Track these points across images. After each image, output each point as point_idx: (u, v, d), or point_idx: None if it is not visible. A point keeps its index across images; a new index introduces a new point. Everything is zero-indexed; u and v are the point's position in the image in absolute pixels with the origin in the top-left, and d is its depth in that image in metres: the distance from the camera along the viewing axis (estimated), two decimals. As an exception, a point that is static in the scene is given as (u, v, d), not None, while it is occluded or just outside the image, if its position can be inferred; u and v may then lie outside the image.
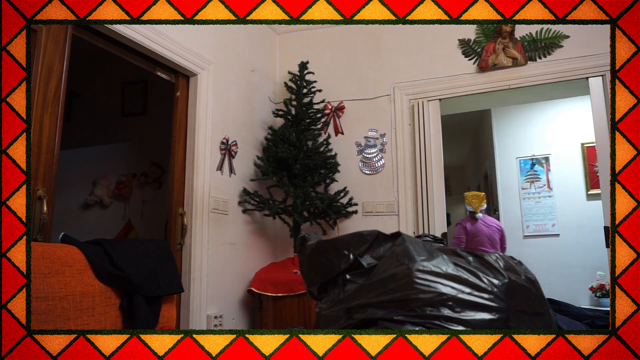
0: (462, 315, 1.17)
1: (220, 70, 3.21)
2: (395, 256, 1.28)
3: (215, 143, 3.11)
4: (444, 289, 1.19)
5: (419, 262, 1.23)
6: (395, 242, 1.34)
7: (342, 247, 1.39)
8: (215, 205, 3.05)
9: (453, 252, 1.31)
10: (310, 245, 1.49)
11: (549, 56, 3.28)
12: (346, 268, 1.35)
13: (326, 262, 1.40)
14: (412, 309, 1.18)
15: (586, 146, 5.17)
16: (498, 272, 1.25)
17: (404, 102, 3.59)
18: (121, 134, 4.47)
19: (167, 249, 2.19)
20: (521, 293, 1.25)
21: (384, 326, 1.20)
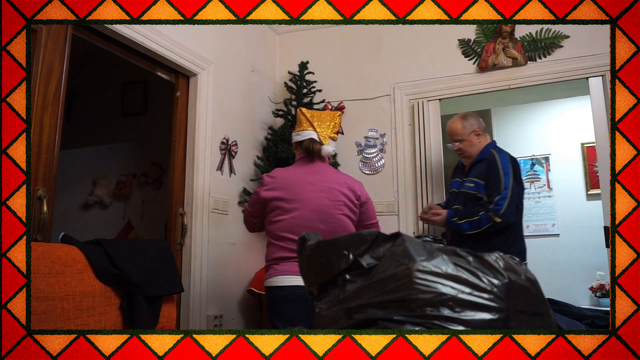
0: (462, 315, 1.17)
1: (220, 70, 3.21)
2: (395, 256, 1.28)
3: (215, 143, 3.11)
4: (444, 289, 1.19)
5: (418, 262, 1.23)
6: (395, 243, 1.34)
7: (341, 247, 1.39)
8: (216, 205, 3.05)
9: (453, 252, 1.31)
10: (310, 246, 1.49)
11: (549, 56, 3.28)
12: (346, 268, 1.35)
13: (326, 262, 1.40)
14: (412, 309, 1.18)
15: (586, 146, 5.17)
16: (498, 272, 1.25)
17: (404, 102, 3.59)
18: (121, 134, 4.47)
19: (167, 249, 2.19)
20: (521, 293, 1.25)
21: (384, 326, 1.20)
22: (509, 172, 2.67)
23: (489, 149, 2.81)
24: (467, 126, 2.84)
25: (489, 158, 2.75)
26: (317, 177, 2.30)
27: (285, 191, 2.26)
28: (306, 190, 2.25)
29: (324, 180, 2.29)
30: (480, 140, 2.85)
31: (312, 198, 2.24)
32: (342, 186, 2.30)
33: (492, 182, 2.67)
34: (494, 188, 2.64)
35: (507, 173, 2.66)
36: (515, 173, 2.68)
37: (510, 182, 2.63)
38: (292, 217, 2.22)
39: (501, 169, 2.66)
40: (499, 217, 2.56)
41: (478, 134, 2.84)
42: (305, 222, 2.20)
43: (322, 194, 2.25)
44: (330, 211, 2.24)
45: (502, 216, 2.56)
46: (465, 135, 2.82)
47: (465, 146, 2.83)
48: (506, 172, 2.66)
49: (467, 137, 2.82)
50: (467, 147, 2.83)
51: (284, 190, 2.26)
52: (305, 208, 2.22)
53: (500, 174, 2.66)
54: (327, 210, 2.23)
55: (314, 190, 2.25)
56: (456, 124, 2.87)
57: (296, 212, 2.23)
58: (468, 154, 2.84)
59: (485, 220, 2.59)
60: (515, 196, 2.63)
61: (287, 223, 2.23)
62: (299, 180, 2.28)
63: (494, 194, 2.61)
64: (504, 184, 2.62)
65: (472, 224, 2.63)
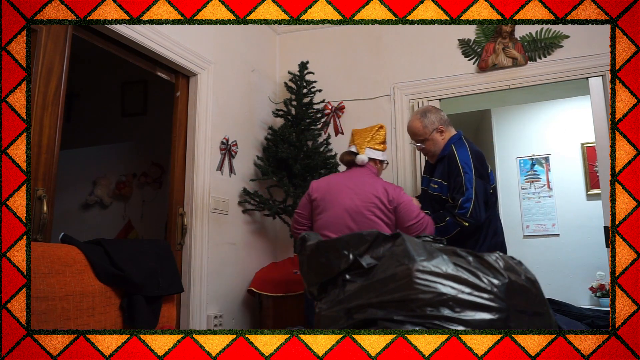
0: (462, 315, 1.17)
1: (220, 70, 3.21)
2: (395, 256, 1.28)
3: (215, 143, 3.11)
4: (444, 289, 1.19)
5: (418, 262, 1.23)
6: (395, 243, 1.34)
7: (341, 247, 1.39)
8: (216, 205, 3.05)
9: (453, 252, 1.31)
10: (310, 246, 1.49)
11: (549, 56, 3.28)
12: (346, 268, 1.35)
13: (326, 262, 1.40)
14: (412, 309, 1.18)
15: (586, 146, 5.17)
16: (498, 272, 1.25)
17: (404, 102, 3.59)
18: (121, 134, 4.47)
19: (167, 249, 2.19)
20: (521, 293, 1.26)
21: (384, 326, 1.20)
22: (471, 169, 2.46)
23: (450, 143, 2.59)
24: (427, 124, 2.62)
25: (449, 155, 2.56)
26: (354, 181, 2.53)
27: (324, 193, 2.55)
28: (342, 192, 2.49)
29: (359, 185, 2.50)
30: (444, 137, 2.62)
31: (346, 199, 2.47)
32: (376, 190, 2.47)
33: (453, 182, 2.48)
34: (457, 190, 2.45)
35: (467, 171, 2.45)
36: (476, 168, 2.48)
37: (473, 181, 2.43)
38: (328, 216, 2.48)
39: (461, 167, 2.46)
40: (466, 222, 2.39)
41: (441, 131, 2.62)
42: (338, 220, 2.44)
43: (355, 196, 2.46)
44: (362, 211, 2.43)
45: (470, 219, 2.39)
46: (427, 135, 2.62)
47: (428, 145, 2.63)
48: (466, 170, 2.45)
49: (430, 136, 2.61)
50: (430, 146, 2.63)
51: (324, 192, 2.55)
52: (339, 208, 2.46)
53: (461, 173, 2.45)
54: (359, 210, 2.43)
55: (348, 192, 2.48)
56: (415, 124, 2.66)
57: (331, 210, 2.47)
58: (432, 152, 2.64)
59: (452, 225, 2.42)
60: (481, 194, 2.43)
61: (323, 221, 2.49)
62: (337, 183, 2.56)
63: (457, 196, 2.43)
64: (465, 184, 2.43)
65: (439, 230, 2.44)
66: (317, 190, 2.58)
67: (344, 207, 2.45)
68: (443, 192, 2.54)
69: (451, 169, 2.51)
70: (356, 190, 2.48)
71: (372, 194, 2.45)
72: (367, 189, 2.48)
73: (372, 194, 2.45)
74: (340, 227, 2.38)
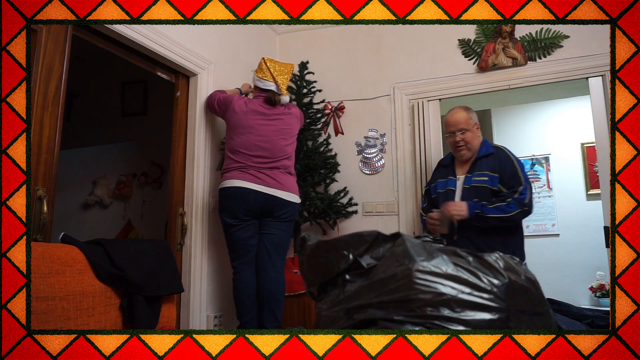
0: (462, 315, 1.17)
1: (220, 70, 3.21)
2: (395, 256, 1.28)
3: (215, 143, 3.11)
4: (444, 289, 1.19)
5: (418, 262, 1.23)
6: (395, 243, 1.34)
7: (341, 247, 1.39)
8: (216, 205, 3.05)
9: (453, 252, 1.31)
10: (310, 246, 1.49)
11: (549, 56, 3.28)
12: (346, 268, 1.35)
13: (326, 262, 1.40)
14: (412, 309, 1.18)
15: (586, 146, 5.17)
16: (498, 272, 1.25)
17: (404, 102, 3.59)
18: (121, 134, 4.47)
19: (167, 249, 2.19)
20: (521, 293, 1.25)
21: (384, 326, 1.20)
22: (523, 166, 2.66)
23: (489, 145, 2.79)
24: (472, 117, 2.80)
25: (498, 153, 2.72)
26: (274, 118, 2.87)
27: (244, 117, 2.81)
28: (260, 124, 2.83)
29: (280, 124, 2.86)
30: (479, 135, 2.81)
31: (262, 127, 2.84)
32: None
33: (508, 174, 2.62)
34: (514, 180, 2.59)
35: (521, 167, 2.65)
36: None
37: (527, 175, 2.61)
38: (247, 139, 2.79)
39: (517, 163, 2.65)
40: (525, 206, 2.53)
41: (479, 128, 2.81)
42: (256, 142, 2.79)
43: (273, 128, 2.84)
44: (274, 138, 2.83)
45: (528, 205, 2.53)
46: (470, 126, 2.76)
47: (469, 137, 2.74)
48: (522, 167, 2.65)
49: (472, 129, 2.76)
50: (470, 138, 2.75)
51: (245, 117, 2.81)
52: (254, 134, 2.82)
53: (516, 166, 2.63)
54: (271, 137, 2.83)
55: (266, 125, 2.84)
56: (462, 114, 2.79)
57: (250, 135, 2.80)
58: (471, 145, 2.75)
59: (514, 205, 2.52)
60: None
61: (242, 141, 2.78)
62: (256, 115, 2.84)
63: (515, 185, 2.57)
64: (522, 175, 2.60)
65: (500, 208, 2.53)
66: (243, 111, 2.85)
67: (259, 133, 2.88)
68: (494, 184, 2.65)
69: (504, 163, 2.68)
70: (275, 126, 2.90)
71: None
72: (285, 127, 2.94)
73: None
74: (256, 149, 2.79)
